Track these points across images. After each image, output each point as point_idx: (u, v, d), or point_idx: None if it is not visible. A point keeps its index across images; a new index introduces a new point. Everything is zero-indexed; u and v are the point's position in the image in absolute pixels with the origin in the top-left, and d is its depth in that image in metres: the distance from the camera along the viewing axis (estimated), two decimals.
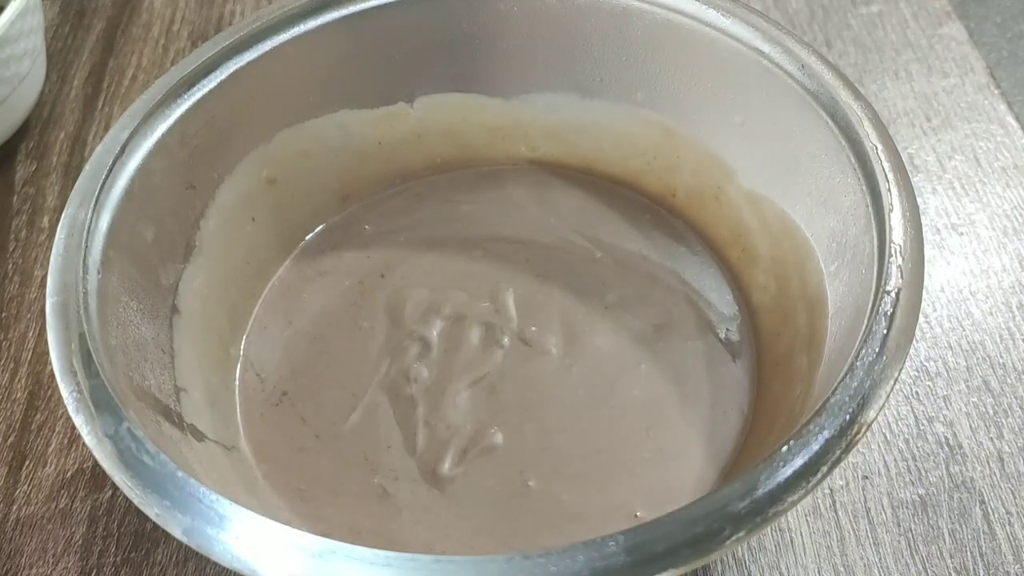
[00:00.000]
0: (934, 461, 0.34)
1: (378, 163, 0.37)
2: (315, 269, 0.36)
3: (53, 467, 0.34)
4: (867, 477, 0.33)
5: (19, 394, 0.36)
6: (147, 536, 0.32)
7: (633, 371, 0.32)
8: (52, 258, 0.26)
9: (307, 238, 0.36)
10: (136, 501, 0.22)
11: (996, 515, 0.32)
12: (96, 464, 0.23)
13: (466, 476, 0.30)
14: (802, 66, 0.29)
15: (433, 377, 0.32)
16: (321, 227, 0.37)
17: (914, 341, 0.24)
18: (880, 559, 0.31)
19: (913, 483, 0.33)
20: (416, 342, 0.33)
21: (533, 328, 0.33)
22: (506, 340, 0.33)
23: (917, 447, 0.34)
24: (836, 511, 0.32)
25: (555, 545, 0.21)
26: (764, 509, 0.21)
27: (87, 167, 0.28)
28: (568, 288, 0.34)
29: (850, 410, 0.23)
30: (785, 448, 0.22)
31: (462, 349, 0.33)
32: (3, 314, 0.39)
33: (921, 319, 0.37)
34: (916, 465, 0.34)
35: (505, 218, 0.37)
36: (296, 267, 0.36)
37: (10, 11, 0.40)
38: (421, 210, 0.37)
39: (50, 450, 0.35)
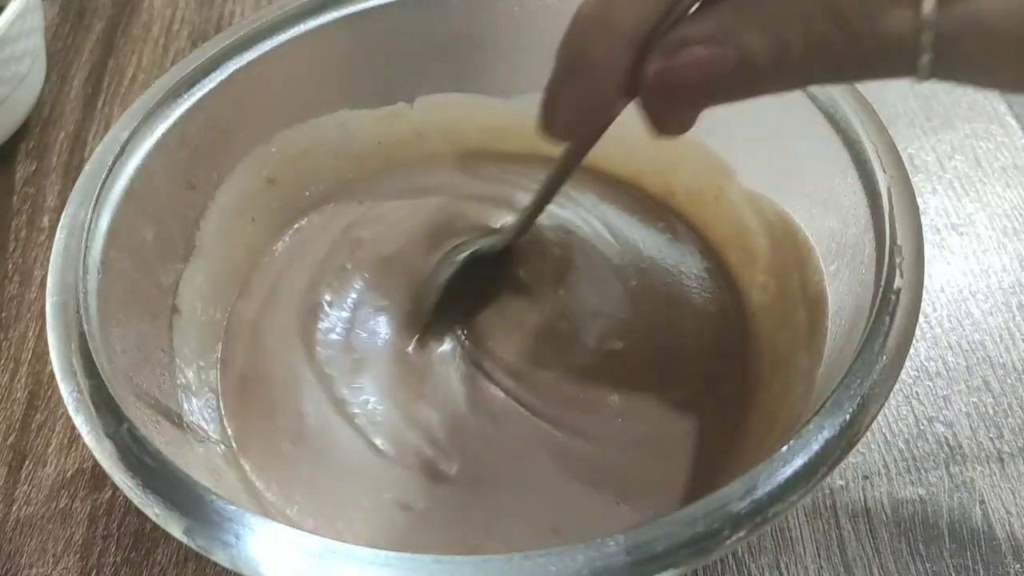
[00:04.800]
0: (934, 461, 0.34)
1: (378, 163, 0.37)
2: (317, 269, 0.36)
3: (53, 467, 0.34)
4: (867, 477, 0.33)
5: (19, 394, 0.36)
6: (147, 536, 0.32)
7: (633, 371, 0.32)
8: (52, 258, 0.26)
9: (307, 238, 0.36)
10: (136, 501, 0.22)
11: (996, 515, 0.32)
12: (96, 464, 0.23)
13: (466, 475, 0.30)
14: None
15: (433, 377, 0.32)
16: (321, 227, 0.37)
17: (914, 341, 0.24)
18: (880, 559, 0.31)
19: (913, 483, 0.33)
20: (416, 343, 0.33)
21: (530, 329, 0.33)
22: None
23: (917, 447, 0.34)
24: (836, 511, 0.32)
25: (555, 546, 0.21)
26: (764, 509, 0.21)
27: (87, 167, 0.28)
28: (568, 289, 0.34)
29: (850, 410, 0.23)
30: (785, 448, 0.22)
31: (460, 351, 0.33)
32: (3, 314, 0.39)
33: (921, 319, 0.37)
34: (916, 465, 0.34)
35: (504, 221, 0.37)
36: (299, 266, 0.36)
37: (10, 11, 0.40)
38: (423, 209, 0.37)
39: (50, 450, 0.35)
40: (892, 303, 0.24)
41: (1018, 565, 0.31)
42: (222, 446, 0.30)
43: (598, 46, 0.23)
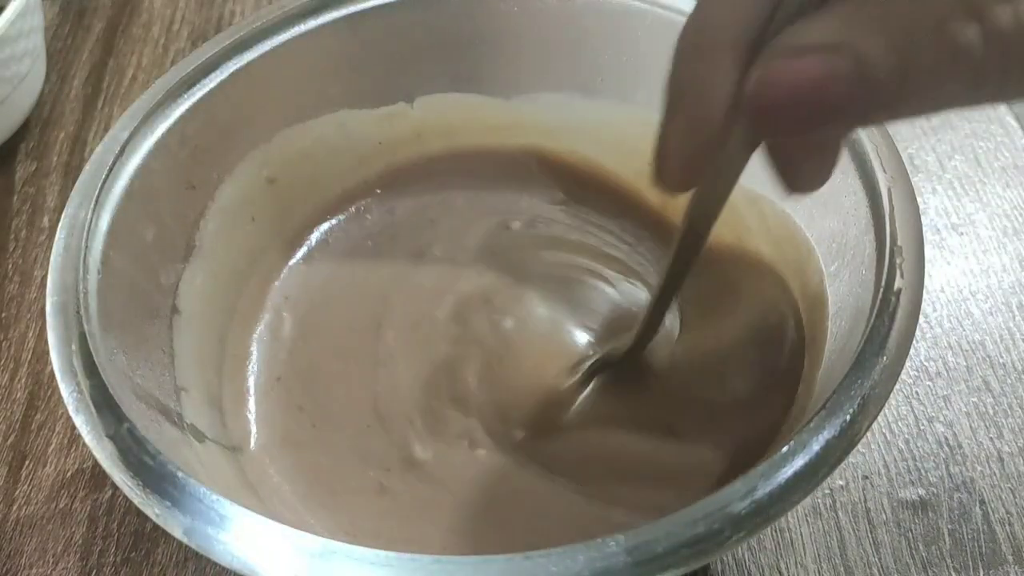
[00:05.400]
0: (934, 461, 0.34)
1: (378, 163, 0.37)
2: (318, 268, 0.36)
3: (53, 467, 0.34)
4: (867, 477, 0.33)
5: (19, 394, 0.36)
6: (147, 536, 0.32)
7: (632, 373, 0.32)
8: (52, 258, 0.26)
9: (309, 235, 0.36)
10: (136, 501, 0.22)
11: (996, 515, 0.32)
12: (96, 464, 0.23)
13: (459, 466, 0.30)
14: None
15: (430, 378, 0.32)
16: (324, 223, 0.37)
17: (914, 341, 0.24)
18: (880, 559, 0.31)
19: (913, 483, 0.33)
20: (416, 342, 0.33)
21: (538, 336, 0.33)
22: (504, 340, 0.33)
23: (917, 447, 0.34)
24: (836, 511, 0.32)
25: (555, 545, 0.21)
26: (764, 509, 0.21)
27: (87, 167, 0.28)
28: (567, 294, 0.34)
29: (850, 410, 0.23)
30: (785, 448, 0.22)
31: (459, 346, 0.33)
32: (3, 314, 0.39)
33: (921, 319, 0.37)
34: (916, 465, 0.34)
35: (508, 231, 0.36)
36: (298, 266, 0.36)
37: (10, 11, 0.40)
38: (426, 210, 0.37)
39: (50, 450, 0.35)
40: (892, 304, 0.24)
41: (1018, 566, 0.31)
42: (222, 446, 0.30)
43: (699, 61, 0.20)
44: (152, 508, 0.22)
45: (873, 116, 0.18)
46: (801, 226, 0.31)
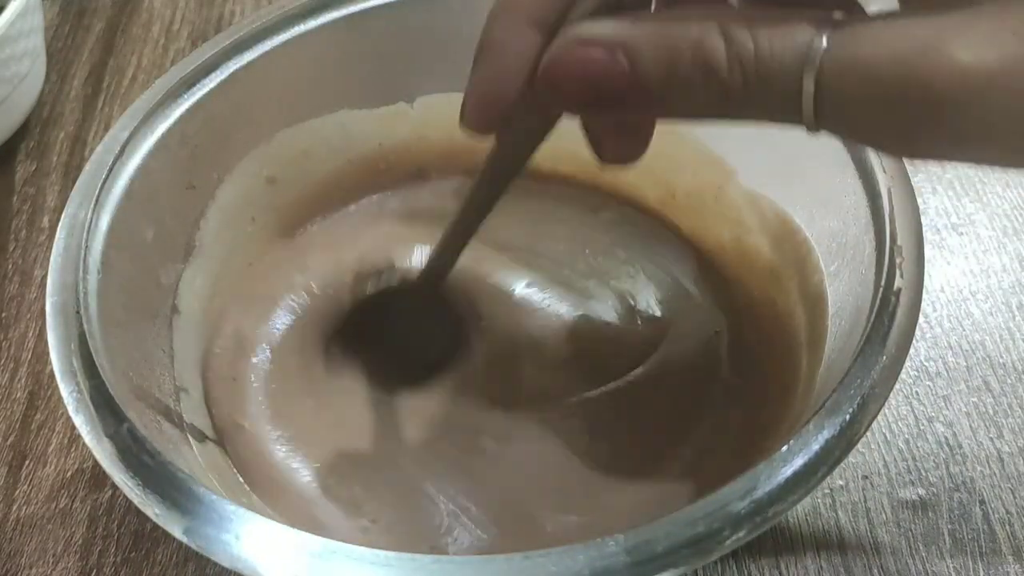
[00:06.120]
0: (934, 461, 0.34)
1: (378, 163, 0.37)
2: (318, 269, 0.36)
3: (53, 467, 0.34)
4: (867, 477, 0.33)
5: (19, 394, 0.36)
6: (147, 536, 0.32)
7: (631, 372, 0.32)
8: (52, 258, 0.26)
9: (309, 230, 0.36)
10: (136, 501, 0.22)
11: (996, 515, 0.32)
12: (96, 464, 0.23)
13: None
14: None
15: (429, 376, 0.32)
16: (321, 221, 0.37)
17: (914, 341, 0.24)
18: (880, 559, 0.31)
19: (913, 483, 0.33)
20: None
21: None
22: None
23: (917, 447, 0.34)
24: (836, 511, 0.32)
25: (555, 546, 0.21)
26: (764, 509, 0.21)
27: (87, 167, 0.28)
28: (568, 295, 0.34)
29: (850, 410, 0.23)
30: (785, 448, 0.22)
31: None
32: (3, 314, 0.39)
33: (921, 319, 0.37)
34: (916, 465, 0.34)
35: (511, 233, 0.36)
36: (298, 266, 0.36)
37: (10, 11, 0.40)
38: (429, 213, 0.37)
39: (50, 450, 0.35)
40: (892, 303, 0.24)
41: (1018, 566, 0.31)
42: (222, 446, 0.30)
43: (500, 28, 0.23)
44: (152, 508, 0.22)
45: (644, 109, 0.22)
46: (801, 226, 0.31)
